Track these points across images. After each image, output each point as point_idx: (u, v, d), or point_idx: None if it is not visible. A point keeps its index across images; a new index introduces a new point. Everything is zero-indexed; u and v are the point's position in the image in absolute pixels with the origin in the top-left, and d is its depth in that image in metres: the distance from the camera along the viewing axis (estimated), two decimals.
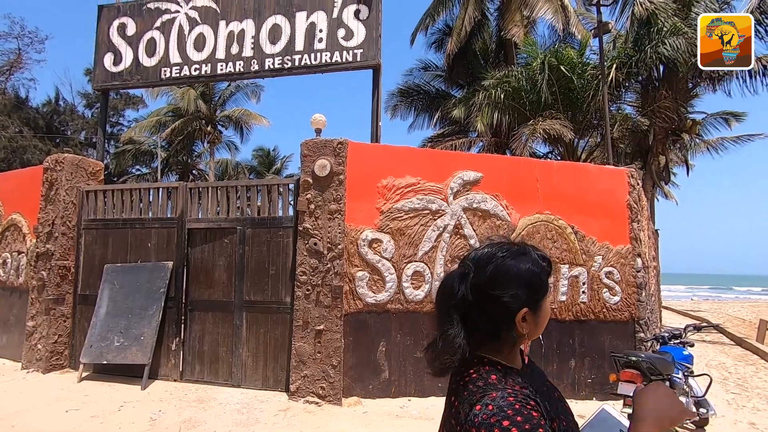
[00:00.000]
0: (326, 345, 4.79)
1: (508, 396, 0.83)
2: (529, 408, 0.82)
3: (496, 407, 0.81)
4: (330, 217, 5.00)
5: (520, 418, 0.79)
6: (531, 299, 0.92)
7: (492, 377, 0.88)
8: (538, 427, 0.78)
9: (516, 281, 0.92)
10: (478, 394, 0.85)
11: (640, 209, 6.24)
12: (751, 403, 5.67)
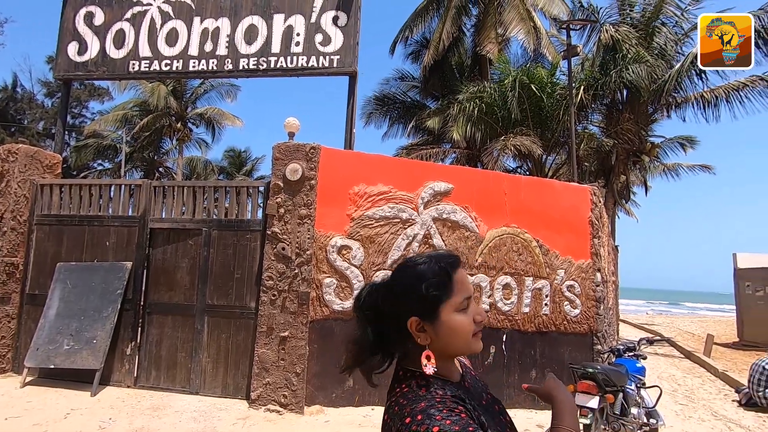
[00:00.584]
0: (290, 352, 4.70)
1: (437, 404, 0.82)
2: (458, 411, 0.81)
3: (425, 415, 0.80)
4: (300, 222, 4.94)
5: (449, 422, 0.78)
6: (421, 308, 0.89)
7: (421, 390, 0.87)
8: (468, 426, 0.78)
9: (404, 290, 0.91)
10: (408, 407, 0.83)
11: (601, 226, 6.50)
12: (697, 414, 5.96)
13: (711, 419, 5.76)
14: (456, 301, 0.89)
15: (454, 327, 0.89)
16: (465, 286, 0.91)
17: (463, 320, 0.89)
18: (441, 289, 0.89)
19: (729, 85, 12.10)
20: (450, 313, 0.89)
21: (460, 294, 0.90)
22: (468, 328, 0.89)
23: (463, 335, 0.89)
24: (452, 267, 0.91)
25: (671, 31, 12.75)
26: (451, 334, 0.89)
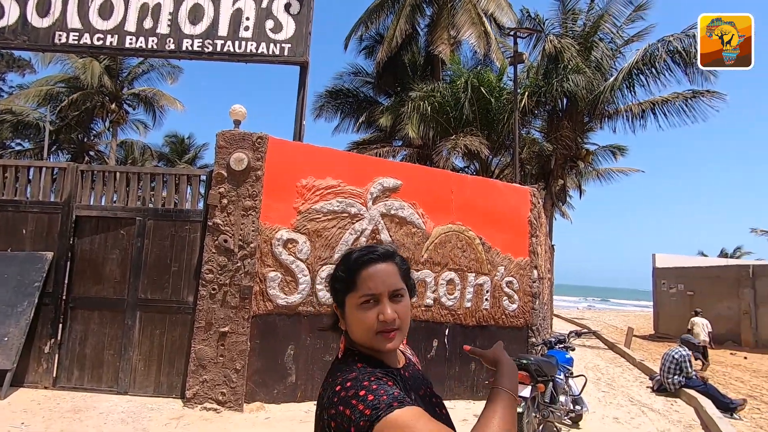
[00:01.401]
0: (230, 348, 4.54)
1: (367, 374, 0.85)
2: (385, 380, 0.84)
3: (354, 382, 0.83)
4: (244, 213, 4.77)
5: (375, 386, 0.81)
6: (335, 298, 0.97)
7: (357, 365, 0.89)
8: (393, 391, 0.80)
9: (329, 279, 1.01)
10: (340, 377, 0.87)
11: (539, 225, 6.87)
12: (617, 400, 6.51)
13: (628, 404, 6.31)
14: (356, 296, 0.91)
15: (354, 321, 0.92)
16: (371, 285, 0.90)
17: (362, 316, 0.90)
18: (342, 284, 0.93)
19: (653, 99, 13.24)
20: (352, 308, 0.92)
21: (362, 291, 0.90)
22: (367, 324, 0.90)
23: (363, 330, 0.91)
24: (362, 264, 0.92)
25: (607, 46, 13.71)
26: (354, 326, 0.92)
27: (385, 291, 0.91)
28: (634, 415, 5.77)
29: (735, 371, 11.01)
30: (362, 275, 0.91)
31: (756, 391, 8.59)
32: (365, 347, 0.93)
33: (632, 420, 5.52)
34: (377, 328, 0.89)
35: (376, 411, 0.76)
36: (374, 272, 0.91)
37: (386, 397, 0.78)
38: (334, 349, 5.04)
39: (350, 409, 0.79)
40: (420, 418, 0.76)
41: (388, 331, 0.90)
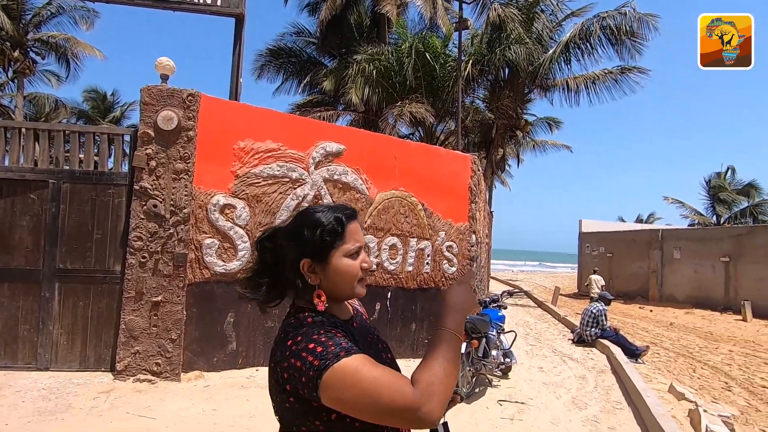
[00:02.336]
0: (164, 318, 4.34)
1: (317, 327, 0.90)
2: (334, 332, 0.89)
3: (303, 336, 0.88)
4: (175, 177, 4.46)
5: (324, 338, 0.86)
6: (313, 251, 0.97)
7: (308, 320, 0.94)
8: (342, 341, 0.86)
9: (299, 233, 0.98)
10: (292, 332, 0.91)
11: (478, 192, 7.12)
12: (542, 352, 7.14)
13: (551, 355, 6.95)
14: (347, 248, 0.97)
15: (342, 270, 0.97)
16: (357, 236, 1.00)
17: (351, 265, 0.98)
18: (333, 236, 0.97)
19: (587, 75, 13.93)
20: (339, 258, 0.97)
21: (351, 242, 0.98)
22: (354, 272, 0.98)
23: (349, 279, 0.98)
24: (347, 217, 1.00)
25: (548, 19, 14.06)
26: (339, 276, 0.97)
27: (363, 243, 1.02)
28: (556, 364, 6.38)
29: (642, 322, 12.46)
30: (350, 228, 0.99)
31: (657, 339, 9.81)
32: (337, 298, 1.00)
33: (554, 368, 6.09)
34: (360, 275, 0.99)
35: (325, 361, 0.82)
36: (357, 226, 1.01)
37: (334, 347, 0.84)
38: (277, 316, 5.00)
39: (300, 361, 0.84)
40: (365, 364, 0.83)
41: (365, 278, 1.01)
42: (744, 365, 7.69)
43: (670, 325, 12.10)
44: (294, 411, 0.89)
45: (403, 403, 0.80)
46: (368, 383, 0.81)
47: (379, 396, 0.80)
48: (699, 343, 9.55)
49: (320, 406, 0.85)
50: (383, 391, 0.80)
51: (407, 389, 0.81)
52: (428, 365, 0.85)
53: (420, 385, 0.82)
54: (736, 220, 24.62)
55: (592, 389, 5.21)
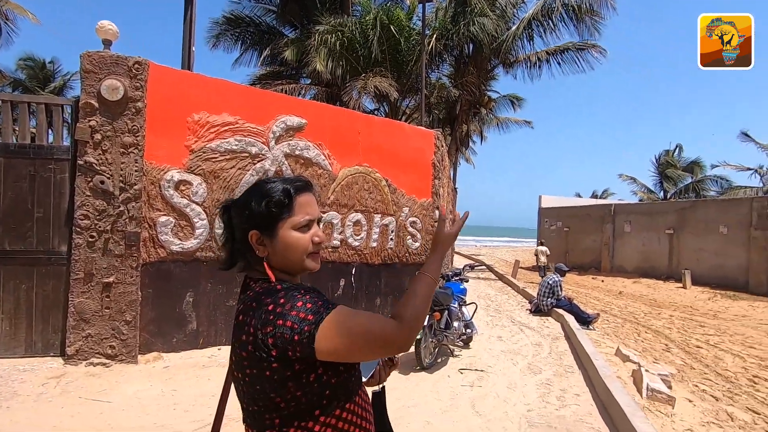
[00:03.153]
0: (117, 299, 4.16)
1: (297, 291, 0.92)
2: (313, 292, 0.93)
3: (286, 299, 0.89)
4: (123, 151, 4.19)
5: (308, 297, 0.90)
6: (261, 223, 0.96)
7: (277, 286, 0.94)
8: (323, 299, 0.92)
9: (248, 205, 0.98)
10: (268, 298, 0.91)
11: (442, 168, 7.17)
12: (501, 322, 7.44)
13: (510, 325, 7.26)
14: (295, 220, 0.96)
15: (289, 243, 0.96)
16: (308, 209, 0.98)
17: (299, 237, 0.97)
18: (280, 207, 0.96)
19: (549, 49, 14.14)
20: (287, 230, 0.96)
21: (301, 215, 0.97)
22: (304, 245, 0.97)
23: (298, 252, 0.97)
24: (298, 189, 0.98)
25: None
26: (287, 249, 0.97)
27: (316, 217, 1.00)
28: (514, 333, 6.68)
29: (594, 292, 13.23)
30: (299, 200, 0.98)
31: (607, 307, 10.46)
32: (288, 271, 1.00)
33: (512, 337, 6.38)
34: (311, 249, 0.98)
35: (318, 315, 0.87)
36: (309, 199, 1.00)
37: (321, 302, 0.89)
38: (236, 294, 4.89)
39: (291, 320, 0.86)
40: (350, 312, 0.90)
41: (317, 252, 1.00)
42: (682, 328, 8.36)
43: (619, 294, 12.91)
44: (272, 380, 0.88)
45: (392, 338, 0.90)
46: (359, 328, 0.88)
47: (371, 337, 0.89)
48: (644, 310, 10.28)
49: (301, 369, 0.88)
50: (374, 332, 0.89)
51: (391, 325, 0.90)
52: (410, 303, 0.95)
53: (403, 321, 0.91)
54: (681, 195, 26.27)
55: (546, 355, 5.50)
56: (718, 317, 9.76)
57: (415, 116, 15.62)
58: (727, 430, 3.93)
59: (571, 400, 3.99)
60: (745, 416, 4.29)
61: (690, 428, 3.85)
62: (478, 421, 3.46)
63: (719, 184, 25.40)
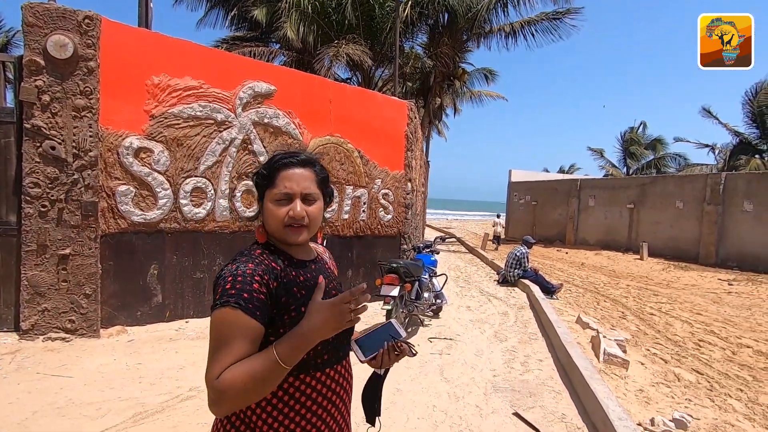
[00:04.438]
0: (75, 272, 3.97)
1: (250, 263, 0.95)
2: (257, 279, 0.92)
3: (235, 267, 0.94)
4: (76, 114, 3.90)
5: (240, 278, 0.91)
6: (257, 192, 1.07)
7: (256, 251, 1.01)
8: (245, 292, 0.90)
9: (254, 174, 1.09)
10: (235, 258, 0.99)
11: (415, 140, 7.11)
12: (470, 293, 7.64)
13: (479, 295, 7.47)
14: (272, 192, 1.01)
15: (267, 213, 1.03)
16: (289, 183, 1.00)
17: (275, 210, 1.01)
18: (262, 179, 1.04)
19: (524, 20, 14.00)
20: (268, 201, 1.03)
21: (279, 188, 1.01)
22: (278, 218, 1.00)
23: (274, 222, 1.01)
24: (282, 166, 1.02)
25: None
26: (268, 218, 1.03)
27: (298, 192, 1.01)
28: (482, 303, 6.88)
29: (558, 263, 13.76)
30: (281, 175, 1.02)
31: (570, 277, 10.91)
32: (276, 238, 1.04)
33: (480, 307, 6.57)
34: (286, 221, 1.01)
35: (221, 298, 0.90)
36: (291, 174, 1.02)
37: (234, 291, 0.90)
38: (206, 267, 4.79)
39: (218, 286, 0.93)
40: (225, 321, 0.89)
41: (296, 226, 1.01)
42: (638, 297, 8.85)
43: (581, 265, 13.49)
44: None
45: (206, 381, 0.88)
46: (215, 339, 0.90)
47: (209, 357, 0.89)
48: (603, 280, 10.80)
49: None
50: (211, 357, 0.89)
51: (214, 373, 0.86)
52: (240, 371, 0.86)
53: (222, 380, 0.85)
54: (642, 172, 27.34)
55: (512, 323, 5.71)
56: (670, 286, 10.39)
57: (389, 86, 15.34)
58: (674, 389, 4.23)
59: (534, 366, 4.18)
60: (690, 377, 4.63)
61: (641, 389, 4.12)
62: (445, 386, 3.58)
63: (677, 161, 26.60)
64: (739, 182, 13.31)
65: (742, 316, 7.60)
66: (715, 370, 4.87)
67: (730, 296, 9.44)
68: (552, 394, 3.55)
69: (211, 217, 4.79)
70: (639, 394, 3.97)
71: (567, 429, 2.96)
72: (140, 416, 2.78)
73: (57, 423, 2.66)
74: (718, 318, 7.33)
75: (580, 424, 3.03)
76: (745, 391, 4.32)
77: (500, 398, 3.38)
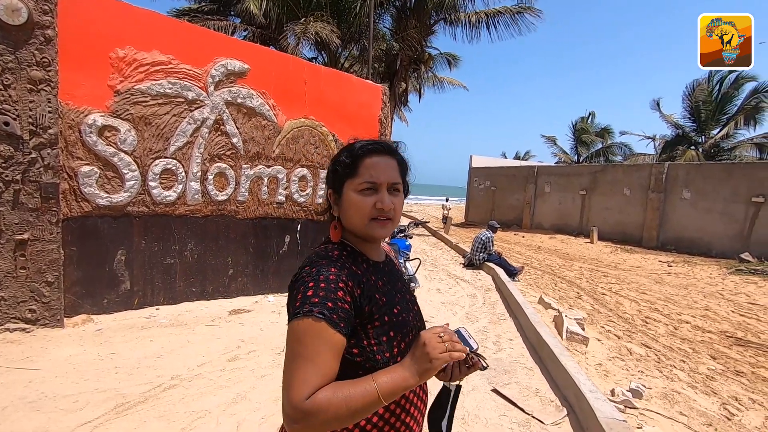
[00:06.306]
0: (35, 258, 3.70)
1: (332, 267, 0.87)
2: (341, 287, 0.85)
3: (316, 271, 0.86)
4: (32, 88, 3.58)
5: (323, 284, 0.84)
6: (332, 182, 1.00)
7: (335, 253, 0.93)
8: (329, 301, 0.83)
9: (330, 163, 1.02)
10: (313, 260, 0.90)
11: (387, 125, 7.11)
12: (439, 276, 7.87)
13: (447, 278, 7.71)
14: (356, 182, 0.94)
15: (350, 204, 0.94)
16: (373, 173, 0.94)
17: (359, 200, 0.93)
18: (344, 168, 0.96)
19: (488, 11, 14.21)
20: (349, 191, 0.95)
21: (363, 177, 0.93)
22: (364, 209, 0.93)
23: (358, 215, 0.94)
24: (367, 153, 0.95)
25: None
26: (349, 210, 0.95)
27: (385, 182, 0.94)
28: (451, 285, 7.11)
29: (516, 247, 14.39)
30: (365, 163, 0.94)
31: (529, 260, 11.47)
32: (355, 234, 0.97)
33: (450, 289, 6.80)
34: (373, 214, 0.93)
35: (301, 307, 0.83)
36: (377, 162, 0.95)
37: (317, 300, 0.82)
38: (175, 251, 4.62)
39: (296, 291, 0.86)
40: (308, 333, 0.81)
41: (382, 218, 0.94)
42: (590, 278, 9.48)
43: (537, 248, 14.19)
44: None
45: (288, 399, 0.78)
46: (296, 354, 0.81)
47: (290, 371, 0.80)
48: (558, 262, 11.44)
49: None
50: (293, 372, 0.79)
51: (302, 393, 0.77)
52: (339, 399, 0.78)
53: (313, 403, 0.76)
54: (592, 159, 28.87)
55: (481, 305, 5.97)
56: (618, 268, 11.20)
57: (355, 68, 15.10)
58: (628, 362, 4.64)
59: (505, 344, 4.42)
60: (640, 350, 5.07)
61: (600, 363, 4.48)
62: None
63: (623, 151, 28.32)
64: (680, 172, 14.42)
65: (681, 294, 8.36)
66: (661, 344, 5.37)
67: (670, 276, 10.33)
68: (525, 370, 3.78)
69: (182, 200, 4.60)
70: (599, 368, 4.32)
71: (542, 402, 3.19)
72: (122, 407, 2.69)
73: (32, 418, 2.52)
74: (660, 297, 8.02)
75: (552, 397, 3.27)
76: (687, 362, 4.81)
77: (478, 376, 3.57)
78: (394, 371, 0.82)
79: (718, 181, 13.28)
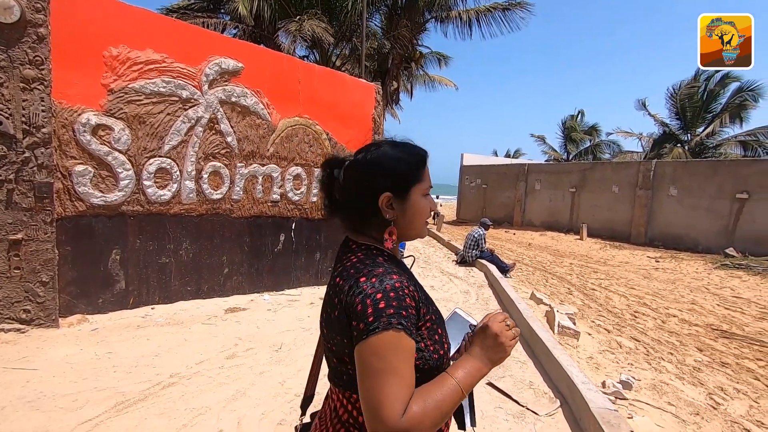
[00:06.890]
0: (30, 258, 3.68)
1: (393, 274, 0.86)
2: (407, 293, 0.85)
3: (378, 281, 0.84)
4: (25, 86, 3.56)
5: (393, 294, 0.83)
6: (395, 185, 0.95)
7: (380, 259, 0.92)
8: (403, 309, 0.82)
9: (382, 165, 0.95)
10: (366, 270, 0.88)
11: (380, 123, 7.15)
12: (432, 273, 7.94)
13: (440, 275, 7.78)
14: (423, 187, 0.98)
15: (418, 209, 0.97)
16: (430, 179, 1.00)
17: (425, 205, 0.98)
18: (416, 172, 0.97)
19: (479, 8, 14.30)
20: (417, 196, 0.97)
21: (427, 182, 0.99)
22: (426, 212, 0.99)
23: (422, 218, 0.98)
24: (426, 158, 1.00)
25: None
26: (415, 214, 0.97)
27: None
28: (444, 282, 7.19)
29: (507, 244, 14.53)
30: (426, 169, 1.00)
31: (520, 257, 11.60)
32: (408, 237, 0.99)
33: (443, 286, 6.87)
34: (428, 217, 1.00)
35: (377, 322, 0.80)
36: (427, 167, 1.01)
37: (392, 311, 0.81)
38: (170, 251, 4.62)
39: (362, 305, 0.82)
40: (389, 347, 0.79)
41: (426, 221, 1.01)
42: (580, 274, 9.63)
43: (528, 245, 14.35)
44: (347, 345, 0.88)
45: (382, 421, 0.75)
46: (381, 370, 0.78)
47: (377, 390, 0.77)
48: (549, 259, 11.60)
49: None
50: (381, 389, 0.77)
51: (397, 411, 0.75)
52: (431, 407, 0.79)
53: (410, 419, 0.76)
54: (581, 157, 29.22)
55: (474, 301, 6.05)
56: (607, 264, 11.39)
57: (346, 66, 15.10)
58: (618, 355, 4.75)
59: None
60: (629, 344, 5.19)
61: (591, 356, 4.58)
62: None
63: (611, 148, 28.72)
64: (667, 169, 14.68)
65: (668, 289, 8.54)
66: (649, 338, 5.50)
67: (658, 272, 10.54)
68: (518, 364, 3.86)
69: (176, 199, 4.59)
70: (590, 361, 4.42)
71: (536, 394, 3.27)
72: (123, 405, 2.71)
73: (31, 417, 2.53)
74: (648, 291, 8.19)
75: (546, 390, 3.35)
76: (674, 354, 4.94)
77: None
78: (466, 364, 0.86)
79: (703, 178, 13.55)
